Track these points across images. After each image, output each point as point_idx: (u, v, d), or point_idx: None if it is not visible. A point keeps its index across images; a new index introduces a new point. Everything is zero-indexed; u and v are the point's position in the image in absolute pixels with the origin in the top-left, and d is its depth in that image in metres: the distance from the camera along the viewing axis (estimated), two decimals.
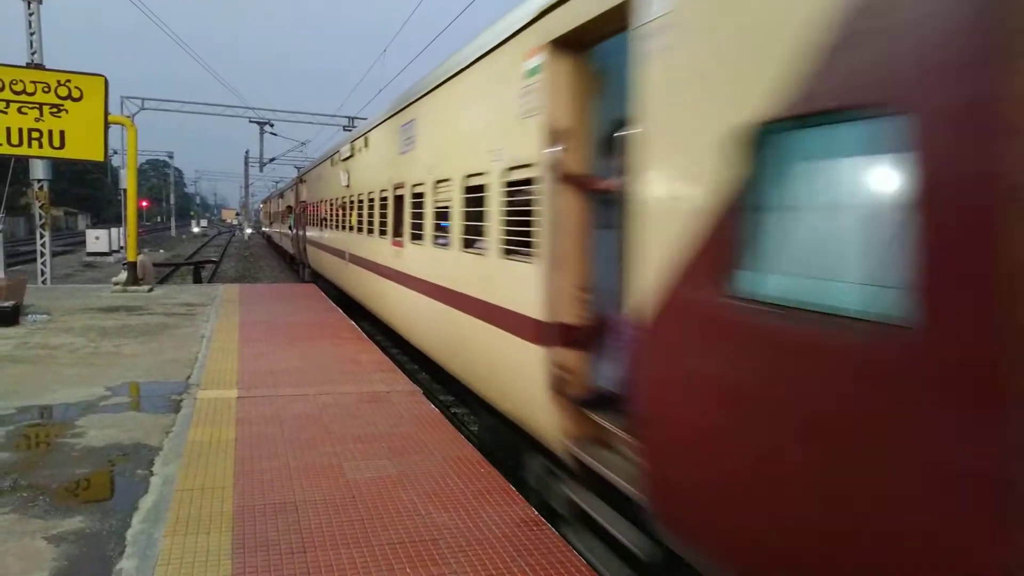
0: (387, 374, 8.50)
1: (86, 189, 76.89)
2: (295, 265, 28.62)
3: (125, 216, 19.26)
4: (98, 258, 34.27)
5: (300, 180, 26.92)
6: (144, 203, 69.83)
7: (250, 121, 41.98)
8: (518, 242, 5.41)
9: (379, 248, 11.16)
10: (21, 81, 14.62)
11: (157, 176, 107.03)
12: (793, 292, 2.66)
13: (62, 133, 14.94)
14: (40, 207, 17.61)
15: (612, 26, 4.18)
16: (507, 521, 4.48)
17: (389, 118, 10.66)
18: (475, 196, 6.48)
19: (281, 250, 40.48)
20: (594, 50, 4.69)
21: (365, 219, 12.53)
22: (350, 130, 37.09)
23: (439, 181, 7.69)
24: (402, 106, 9.73)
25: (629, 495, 3.77)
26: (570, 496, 4.77)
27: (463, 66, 6.86)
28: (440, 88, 7.78)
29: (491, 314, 5.91)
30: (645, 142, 3.54)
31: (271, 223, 52.45)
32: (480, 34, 6.52)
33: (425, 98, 8.43)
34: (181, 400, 7.02)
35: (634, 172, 3.62)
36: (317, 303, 15.16)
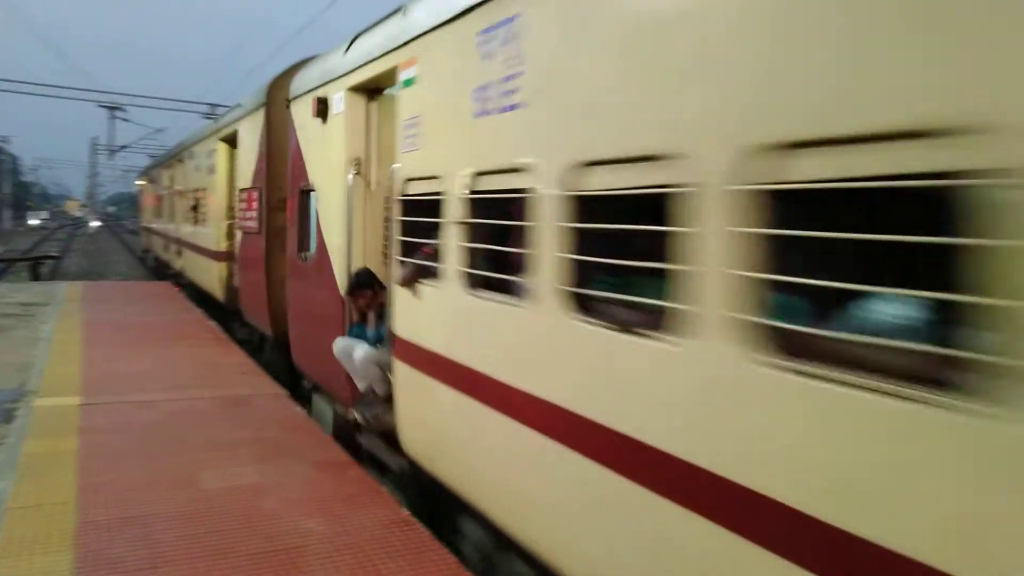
0: (250, 376, 8.16)
1: None
2: None
3: None
4: None
5: None
6: None
7: (99, 105, 38.86)
8: None
9: None
10: None
11: None
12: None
13: None
14: None
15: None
16: (376, 523, 4.42)
17: None
18: None
19: None
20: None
21: None
22: (212, 117, 32.67)
23: None
24: None
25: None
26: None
27: None
28: None
29: None
30: None
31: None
32: None
33: None
34: (15, 409, 6.48)
35: None
36: (171, 303, 14.33)
